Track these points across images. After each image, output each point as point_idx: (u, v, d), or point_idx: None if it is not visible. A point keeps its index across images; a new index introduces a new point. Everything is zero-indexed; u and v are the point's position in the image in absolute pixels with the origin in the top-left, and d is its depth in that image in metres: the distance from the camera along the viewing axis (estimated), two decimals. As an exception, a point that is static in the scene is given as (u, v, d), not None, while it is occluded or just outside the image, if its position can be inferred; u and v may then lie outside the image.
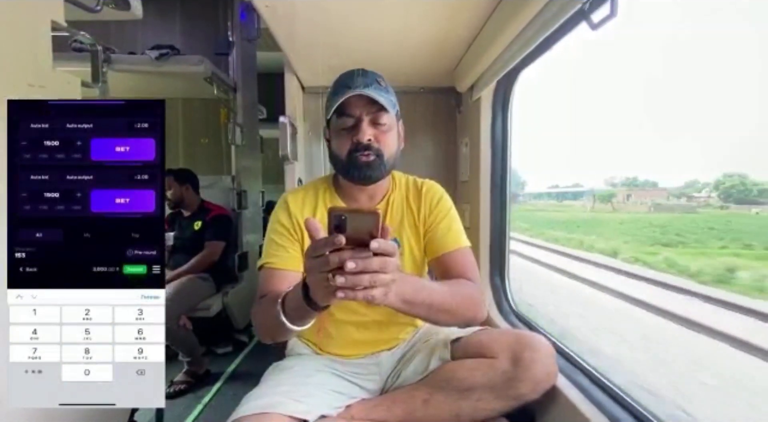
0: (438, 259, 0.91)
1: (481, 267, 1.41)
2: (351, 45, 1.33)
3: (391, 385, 0.91)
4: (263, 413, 0.71)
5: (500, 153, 1.41)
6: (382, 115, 0.84)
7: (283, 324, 0.68)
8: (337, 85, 0.87)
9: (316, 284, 0.58)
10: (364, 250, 0.52)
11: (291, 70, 1.57)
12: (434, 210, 0.93)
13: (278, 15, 1.13)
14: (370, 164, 0.84)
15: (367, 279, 0.53)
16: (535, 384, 0.78)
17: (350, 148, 0.85)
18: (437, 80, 1.66)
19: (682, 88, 54.21)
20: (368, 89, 0.82)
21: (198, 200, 2.34)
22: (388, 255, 0.54)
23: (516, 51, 1.01)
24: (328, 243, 0.52)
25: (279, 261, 0.87)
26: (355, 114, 0.84)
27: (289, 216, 0.90)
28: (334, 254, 0.52)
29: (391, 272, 0.55)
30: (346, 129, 0.85)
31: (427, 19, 1.13)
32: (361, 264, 0.52)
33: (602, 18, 0.68)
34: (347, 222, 0.52)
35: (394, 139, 0.89)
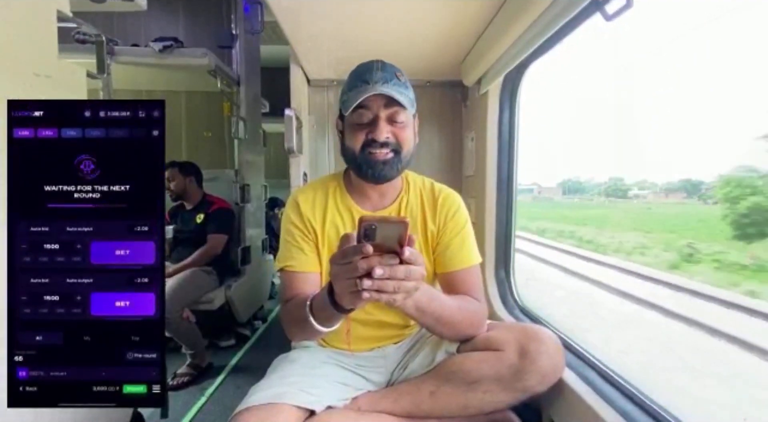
0: (446, 275, 0.90)
1: (486, 262, 1.41)
2: (357, 37, 1.32)
3: (398, 377, 0.92)
4: (271, 404, 0.72)
5: (507, 148, 1.40)
6: (400, 113, 0.82)
7: (313, 327, 0.70)
8: (355, 78, 0.84)
9: (342, 289, 0.59)
10: (392, 257, 0.54)
11: (296, 62, 1.56)
12: (449, 222, 0.91)
13: (284, 7, 1.12)
14: (386, 162, 0.82)
15: (392, 286, 0.55)
16: (542, 377, 0.78)
17: (364, 143, 0.83)
18: (444, 73, 1.64)
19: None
20: (387, 85, 0.80)
21: (200, 193, 2.34)
22: (414, 263, 0.55)
23: (526, 44, 1.00)
24: (357, 251, 0.54)
25: (298, 264, 0.87)
26: (372, 109, 0.81)
27: (300, 216, 0.89)
28: (363, 261, 0.54)
29: (415, 280, 0.56)
30: (362, 124, 0.83)
31: (435, 12, 1.12)
32: (389, 271, 0.54)
33: (618, 8, 0.67)
34: (377, 231, 0.53)
35: (411, 136, 0.86)
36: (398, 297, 0.57)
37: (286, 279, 0.88)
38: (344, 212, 0.90)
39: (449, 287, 0.90)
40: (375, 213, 0.88)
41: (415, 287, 0.57)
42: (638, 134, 42.72)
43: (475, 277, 0.90)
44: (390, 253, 0.54)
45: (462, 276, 0.89)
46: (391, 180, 0.87)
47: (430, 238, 0.91)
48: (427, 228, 0.91)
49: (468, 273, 0.89)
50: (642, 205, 13.93)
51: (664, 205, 12.71)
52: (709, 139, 33.86)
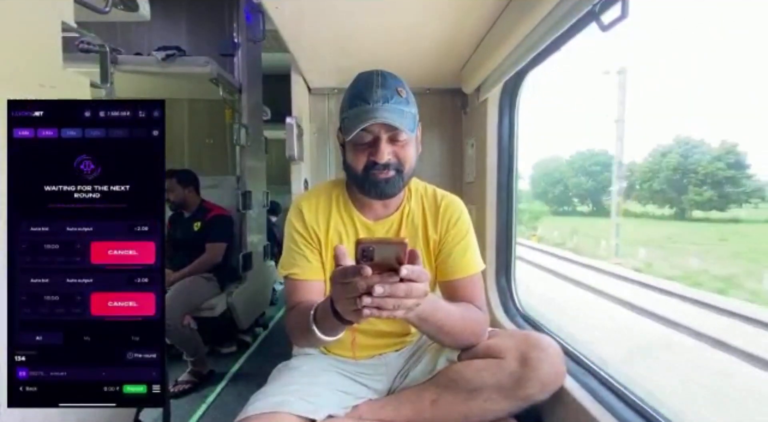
0: (448, 283, 0.90)
1: (486, 269, 1.41)
2: (358, 46, 1.33)
3: (399, 385, 0.91)
4: (272, 412, 0.71)
5: (506, 154, 1.41)
6: (402, 133, 0.80)
7: (317, 336, 0.70)
8: (354, 94, 0.81)
9: (343, 306, 0.60)
10: (391, 275, 0.54)
11: (298, 70, 1.58)
12: (451, 230, 0.90)
13: (286, 16, 1.13)
14: (388, 181, 0.81)
15: (392, 303, 0.55)
16: (543, 385, 0.78)
17: (366, 165, 0.81)
18: (443, 81, 1.66)
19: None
20: (388, 106, 0.78)
21: (198, 200, 2.34)
22: (416, 281, 0.56)
23: (524, 52, 1.01)
24: (356, 272, 0.54)
25: (302, 273, 0.87)
26: (373, 131, 0.80)
27: (304, 224, 0.89)
28: (362, 280, 0.54)
29: (417, 298, 0.57)
30: (363, 145, 0.81)
31: (435, 21, 1.13)
32: (389, 289, 0.54)
33: (613, 19, 0.68)
34: (374, 251, 0.54)
35: (414, 152, 0.85)
36: (398, 314, 0.57)
37: (291, 286, 0.88)
38: (347, 220, 0.91)
39: (451, 295, 0.89)
40: (372, 237, 0.88)
41: (416, 304, 0.58)
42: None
43: (478, 285, 0.90)
44: (390, 271, 0.55)
45: (464, 284, 0.89)
46: (394, 196, 0.87)
47: (432, 246, 0.91)
48: (429, 237, 0.90)
49: (470, 281, 0.89)
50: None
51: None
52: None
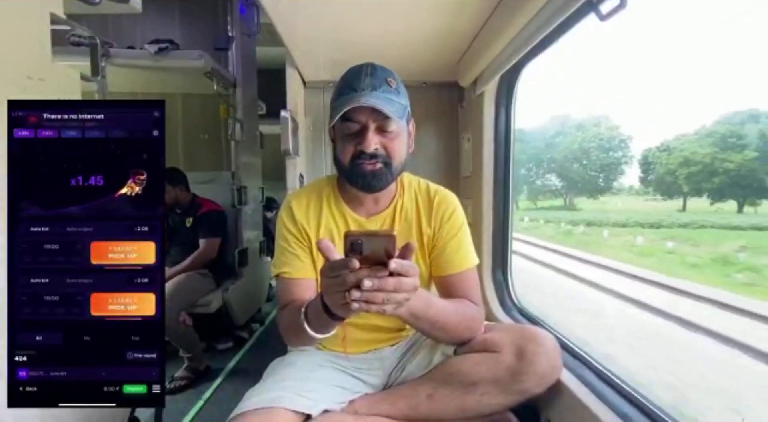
0: (443, 278, 0.89)
1: (483, 263, 1.41)
2: (353, 39, 1.32)
3: (395, 380, 0.91)
4: (267, 407, 0.71)
5: (503, 148, 1.41)
6: (390, 123, 0.79)
7: (308, 333, 0.70)
8: (343, 84, 0.81)
9: (333, 301, 0.60)
10: (381, 269, 0.54)
11: (292, 64, 1.56)
12: (445, 224, 0.89)
13: (280, 9, 1.12)
14: (375, 173, 0.80)
15: (382, 297, 0.55)
16: (540, 378, 0.78)
17: (353, 155, 0.80)
18: (440, 75, 1.64)
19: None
20: (376, 93, 0.77)
21: (189, 197, 2.31)
22: (405, 275, 0.55)
23: (521, 44, 1.00)
24: (345, 265, 0.54)
25: (293, 271, 0.86)
26: (360, 120, 0.78)
27: (294, 222, 0.88)
28: (351, 274, 0.54)
29: (406, 292, 0.56)
30: (351, 135, 0.80)
31: (431, 13, 1.12)
32: (378, 283, 0.54)
33: (612, 8, 0.67)
34: (363, 245, 0.54)
35: (403, 145, 0.83)
36: (388, 308, 0.57)
37: (282, 285, 0.87)
38: (338, 218, 0.90)
39: (446, 290, 0.89)
40: (361, 229, 0.87)
41: (405, 298, 0.57)
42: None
43: (473, 280, 0.89)
44: (379, 265, 0.54)
45: (459, 279, 0.88)
46: (381, 190, 0.85)
47: (426, 242, 0.90)
48: (423, 232, 0.90)
49: (465, 276, 0.88)
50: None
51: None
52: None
